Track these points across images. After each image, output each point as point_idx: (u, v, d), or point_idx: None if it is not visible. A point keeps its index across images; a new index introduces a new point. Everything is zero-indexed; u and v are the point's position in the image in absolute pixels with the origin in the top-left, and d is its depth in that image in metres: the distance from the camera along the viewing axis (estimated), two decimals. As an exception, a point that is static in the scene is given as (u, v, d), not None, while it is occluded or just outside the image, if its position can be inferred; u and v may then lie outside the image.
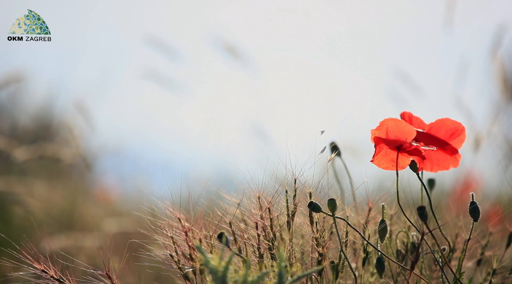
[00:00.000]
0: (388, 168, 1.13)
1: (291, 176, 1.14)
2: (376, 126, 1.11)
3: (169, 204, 1.15)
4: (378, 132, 1.11)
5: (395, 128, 1.10)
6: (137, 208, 2.33)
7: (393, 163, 1.12)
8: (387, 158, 1.13)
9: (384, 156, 1.13)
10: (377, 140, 1.12)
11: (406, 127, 1.10)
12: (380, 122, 1.11)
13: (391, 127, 1.10)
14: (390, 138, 1.11)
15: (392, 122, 1.10)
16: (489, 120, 2.46)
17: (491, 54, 2.38)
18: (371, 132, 1.11)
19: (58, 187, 2.95)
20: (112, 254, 1.16)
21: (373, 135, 1.11)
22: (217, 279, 0.98)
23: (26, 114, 3.80)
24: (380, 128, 1.11)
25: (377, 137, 1.11)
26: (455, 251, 1.25)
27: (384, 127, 1.10)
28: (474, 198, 1.11)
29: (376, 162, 1.12)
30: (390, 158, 1.13)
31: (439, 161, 1.18)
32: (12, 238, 1.42)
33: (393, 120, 1.11)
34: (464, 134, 1.17)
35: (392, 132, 1.11)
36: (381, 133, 1.11)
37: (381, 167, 1.13)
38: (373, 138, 1.12)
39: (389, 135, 1.11)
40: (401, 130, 1.10)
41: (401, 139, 1.11)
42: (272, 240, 1.14)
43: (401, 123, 1.11)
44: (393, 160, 1.12)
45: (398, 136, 1.11)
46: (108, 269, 1.14)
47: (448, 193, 2.26)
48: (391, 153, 1.13)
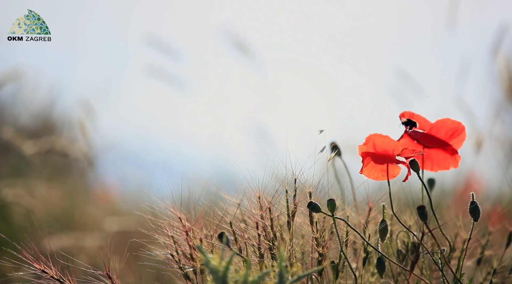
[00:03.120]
0: (378, 178, 1.13)
1: (291, 175, 1.14)
2: (363, 142, 1.12)
3: (170, 203, 1.15)
4: (365, 148, 1.12)
5: (381, 142, 1.11)
6: (137, 207, 2.33)
7: (383, 172, 1.13)
8: (376, 168, 1.13)
9: (374, 167, 1.13)
10: (365, 155, 1.12)
11: (391, 142, 1.11)
12: (366, 138, 1.11)
13: (377, 142, 1.11)
14: (378, 152, 1.12)
15: (378, 137, 1.11)
16: (491, 120, 2.46)
17: (493, 53, 2.38)
18: (358, 148, 1.12)
19: (58, 186, 2.95)
20: (112, 254, 1.16)
21: (360, 151, 1.12)
22: (217, 279, 0.98)
23: (27, 114, 3.80)
24: (366, 143, 1.11)
25: (365, 153, 1.12)
26: (454, 251, 1.25)
27: (371, 141, 1.11)
28: (474, 198, 1.11)
29: (366, 172, 1.13)
30: (379, 167, 1.13)
31: (439, 161, 1.18)
32: (12, 238, 1.42)
33: (378, 135, 1.11)
34: (465, 134, 1.17)
35: (378, 147, 1.11)
36: (368, 147, 1.12)
37: (372, 177, 1.13)
38: (361, 154, 1.13)
39: (376, 149, 1.11)
40: (387, 145, 1.11)
41: (387, 152, 1.11)
42: (272, 240, 1.14)
43: (387, 138, 1.11)
44: (383, 169, 1.13)
45: (385, 150, 1.11)
46: (109, 269, 1.14)
47: (449, 193, 2.26)
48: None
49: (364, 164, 1.13)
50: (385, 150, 1.11)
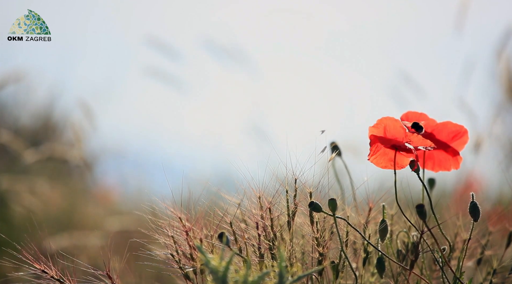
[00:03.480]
0: (386, 167, 1.13)
1: (292, 175, 1.14)
2: (374, 124, 1.11)
3: (170, 203, 1.15)
4: (376, 130, 1.11)
5: (392, 128, 1.10)
6: (138, 207, 2.33)
7: (392, 162, 1.12)
8: (385, 157, 1.13)
9: (383, 155, 1.13)
10: (374, 138, 1.12)
11: (403, 128, 1.10)
12: (377, 120, 1.11)
13: (388, 126, 1.10)
14: (387, 137, 1.11)
15: (390, 121, 1.10)
16: (491, 121, 2.46)
17: (496, 55, 2.38)
18: (368, 130, 1.11)
19: (59, 186, 2.95)
20: (112, 254, 1.16)
21: (370, 133, 1.11)
22: (217, 279, 0.98)
23: (27, 114, 3.80)
24: (377, 126, 1.11)
25: (374, 136, 1.11)
26: (455, 251, 1.25)
27: (382, 125, 1.10)
28: (474, 198, 1.11)
29: (375, 160, 1.12)
30: (388, 157, 1.13)
31: (440, 161, 1.18)
32: (12, 238, 1.42)
33: (391, 119, 1.10)
34: (467, 137, 1.17)
35: (389, 132, 1.11)
36: (379, 131, 1.11)
37: (379, 165, 1.13)
38: (370, 136, 1.12)
39: (386, 134, 1.11)
40: (398, 130, 1.10)
41: (397, 138, 1.11)
42: (272, 240, 1.14)
43: (398, 122, 1.10)
44: (392, 159, 1.12)
45: (395, 136, 1.11)
46: (109, 269, 1.14)
47: (450, 193, 2.26)
48: (389, 152, 1.13)
49: (372, 149, 1.12)
50: (395, 136, 1.11)
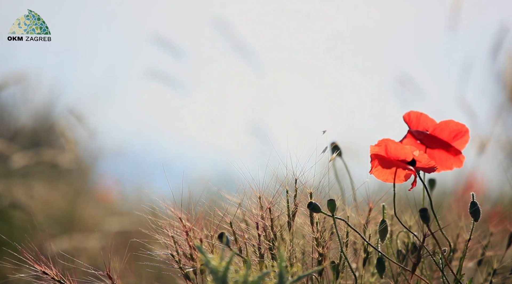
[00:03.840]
0: (387, 180, 1.13)
1: (292, 176, 1.14)
2: (376, 143, 1.11)
3: (170, 203, 1.15)
4: (377, 149, 1.12)
5: (394, 149, 1.11)
6: (138, 208, 2.33)
7: (393, 175, 1.13)
8: (386, 170, 1.13)
9: (383, 169, 1.13)
10: (374, 157, 1.12)
11: (403, 149, 1.11)
12: (379, 141, 1.11)
13: (390, 147, 1.11)
14: (388, 157, 1.12)
15: (391, 143, 1.11)
16: (492, 121, 2.45)
17: (494, 54, 2.38)
18: (370, 148, 1.12)
19: (58, 187, 2.95)
20: (112, 254, 1.16)
21: (372, 152, 1.12)
22: (217, 279, 0.98)
23: (26, 115, 3.80)
24: (379, 146, 1.11)
25: (375, 155, 1.12)
26: (456, 252, 1.25)
27: (384, 145, 1.11)
28: (474, 198, 1.11)
29: (376, 173, 1.13)
30: (389, 170, 1.13)
31: (442, 161, 1.18)
32: (12, 239, 1.42)
33: (392, 141, 1.11)
34: (468, 136, 1.17)
35: (390, 152, 1.11)
36: (380, 150, 1.12)
37: (380, 178, 1.13)
38: (371, 155, 1.13)
39: (388, 154, 1.11)
40: (399, 152, 1.11)
41: (398, 158, 1.11)
42: (272, 240, 1.14)
43: (399, 145, 1.11)
44: (392, 172, 1.13)
45: (396, 155, 1.11)
46: (109, 269, 1.14)
47: (450, 193, 2.26)
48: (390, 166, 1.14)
49: (373, 165, 1.13)
50: (397, 156, 1.11)
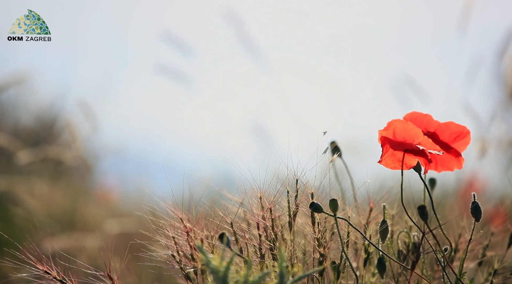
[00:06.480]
0: (395, 167, 1.13)
1: (293, 176, 1.14)
2: (384, 127, 1.11)
3: (171, 204, 1.15)
4: (385, 133, 1.11)
5: (402, 130, 1.10)
6: (138, 208, 2.33)
7: (400, 162, 1.12)
8: (394, 158, 1.13)
9: (391, 156, 1.13)
10: (384, 140, 1.12)
11: (413, 129, 1.10)
12: (387, 123, 1.10)
13: (398, 129, 1.10)
14: (397, 139, 1.11)
15: (399, 124, 1.10)
16: (494, 123, 2.45)
17: (499, 56, 2.38)
18: (378, 133, 1.11)
19: (59, 187, 2.95)
20: (113, 255, 1.16)
21: (380, 136, 1.11)
22: (218, 279, 0.98)
23: (28, 115, 3.80)
24: (387, 129, 1.11)
25: (384, 138, 1.11)
26: (458, 252, 1.25)
27: (392, 128, 1.10)
28: (475, 198, 1.11)
29: (384, 162, 1.12)
30: (396, 157, 1.13)
31: (443, 162, 1.18)
32: (14, 238, 1.42)
33: (400, 121, 1.10)
34: (469, 137, 1.17)
35: (399, 134, 1.10)
36: (388, 133, 1.11)
37: (388, 167, 1.13)
38: (380, 139, 1.12)
39: (396, 136, 1.11)
40: (408, 132, 1.10)
41: (407, 141, 1.11)
42: (273, 240, 1.14)
43: (408, 125, 1.10)
44: (400, 159, 1.12)
45: (405, 138, 1.10)
46: (109, 270, 1.14)
47: (452, 194, 2.26)
48: (397, 153, 1.13)
49: (384, 152, 1.12)
50: (405, 138, 1.10)
